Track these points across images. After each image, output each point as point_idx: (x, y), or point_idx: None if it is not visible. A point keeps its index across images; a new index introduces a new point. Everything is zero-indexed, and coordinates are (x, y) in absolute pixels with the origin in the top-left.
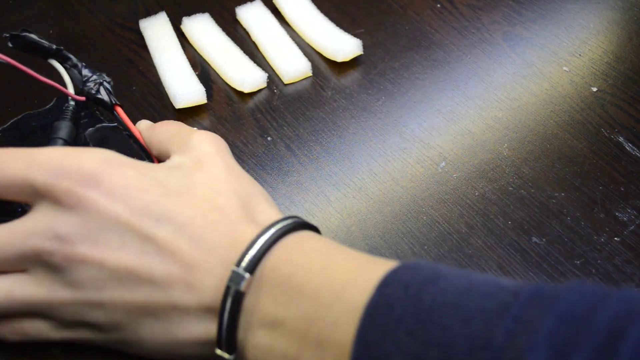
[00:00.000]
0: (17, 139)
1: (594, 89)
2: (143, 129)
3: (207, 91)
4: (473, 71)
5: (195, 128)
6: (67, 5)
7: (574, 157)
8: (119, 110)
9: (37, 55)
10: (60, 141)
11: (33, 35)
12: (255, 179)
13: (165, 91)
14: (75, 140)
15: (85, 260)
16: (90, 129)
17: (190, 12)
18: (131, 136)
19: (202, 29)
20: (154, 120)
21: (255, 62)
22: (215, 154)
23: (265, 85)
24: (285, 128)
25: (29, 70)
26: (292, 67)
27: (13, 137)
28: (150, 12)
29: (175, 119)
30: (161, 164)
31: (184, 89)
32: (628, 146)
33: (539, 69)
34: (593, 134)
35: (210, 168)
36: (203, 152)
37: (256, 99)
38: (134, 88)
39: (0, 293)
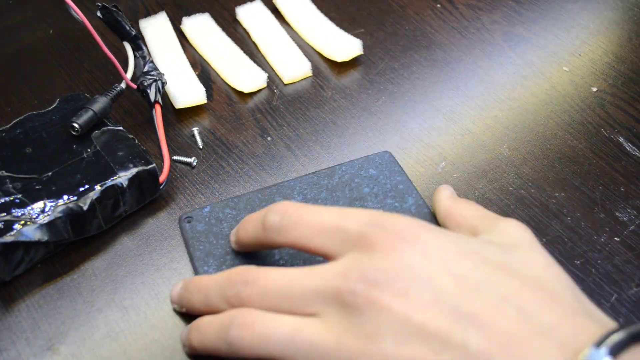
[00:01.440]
0: (21, 139)
1: (594, 89)
2: (447, 195)
3: (207, 91)
4: (473, 71)
5: (497, 215)
6: (67, 5)
7: (574, 157)
8: (158, 108)
9: (116, 33)
10: (90, 112)
11: (121, 14)
12: (255, 179)
13: (165, 91)
14: (106, 117)
15: (390, 309)
16: (97, 131)
17: (190, 12)
18: (134, 140)
19: (202, 28)
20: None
21: (255, 62)
22: (532, 241)
23: (265, 85)
24: (285, 128)
25: (98, 38)
26: (292, 67)
27: (16, 136)
28: (150, 12)
29: (175, 119)
30: (467, 236)
31: (184, 89)
32: (628, 146)
33: (539, 69)
34: (593, 134)
35: (529, 252)
36: (517, 236)
37: (256, 99)
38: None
39: (286, 331)
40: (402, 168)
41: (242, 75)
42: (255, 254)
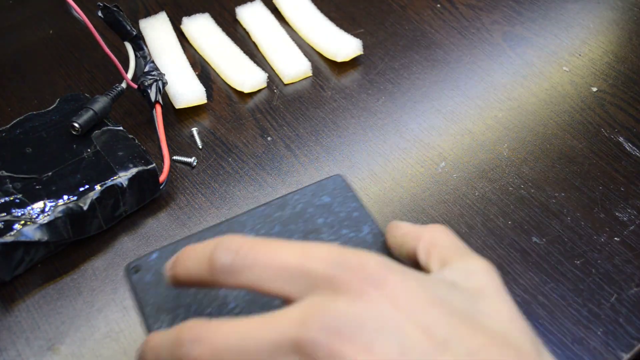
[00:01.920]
0: (21, 139)
1: (594, 89)
2: (409, 223)
3: (207, 91)
4: (473, 71)
5: (469, 250)
6: (67, 5)
7: (574, 157)
8: (158, 108)
9: (117, 33)
10: (91, 111)
11: (122, 14)
12: (255, 179)
13: (165, 91)
14: (106, 117)
15: None
16: (97, 131)
17: (190, 12)
18: (134, 140)
19: (202, 29)
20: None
21: (255, 62)
22: (499, 288)
23: (265, 85)
24: (285, 128)
25: (99, 38)
26: (292, 67)
27: (16, 136)
28: (150, 12)
29: (175, 119)
30: (434, 277)
31: (184, 89)
32: (628, 146)
33: (539, 69)
34: (593, 134)
35: (495, 302)
36: (484, 280)
37: (256, 99)
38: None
39: None
40: (355, 193)
41: (242, 75)
42: (209, 304)
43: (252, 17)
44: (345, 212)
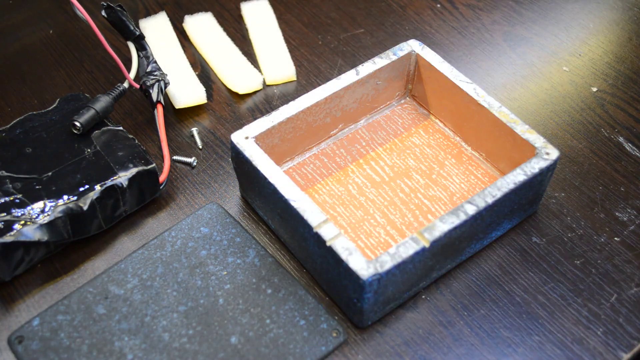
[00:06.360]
0: (21, 139)
1: (594, 89)
2: None
3: (207, 91)
4: (473, 71)
5: None
6: (67, 5)
7: (574, 157)
8: (159, 108)
9: (120, 33)
10: (92, 110)
11: (125, 14)
12: None
13: (165, 91)
14: (107, 116)
15: None
16: (97, 131)
17: (190, 12)
18: (134, 139)
19: (204, 27)
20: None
21: (255, 62)
22: None
23: (260, 87)
24: None
25: (102, 38)
26: (277, 69)
27: (16, 136)
28: (150, 12)
29: (175, 119)
30: None
31: (184, 88)
32: (628, 146)
33: (539, 69)
34: (593, 134)
35: None
36: None
37: (256, 99)
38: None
39: None
40: (233, 218)
41: (237, 77)
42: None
43: (253, 15)
44: (227, 239)
